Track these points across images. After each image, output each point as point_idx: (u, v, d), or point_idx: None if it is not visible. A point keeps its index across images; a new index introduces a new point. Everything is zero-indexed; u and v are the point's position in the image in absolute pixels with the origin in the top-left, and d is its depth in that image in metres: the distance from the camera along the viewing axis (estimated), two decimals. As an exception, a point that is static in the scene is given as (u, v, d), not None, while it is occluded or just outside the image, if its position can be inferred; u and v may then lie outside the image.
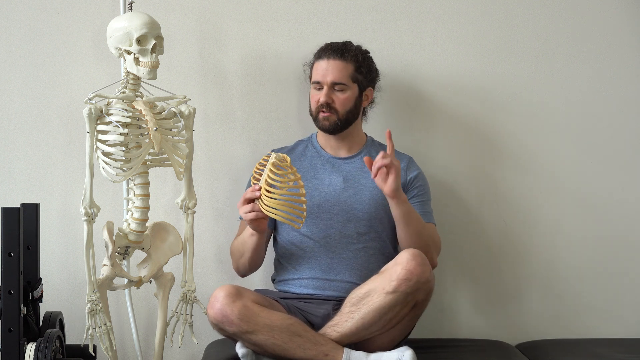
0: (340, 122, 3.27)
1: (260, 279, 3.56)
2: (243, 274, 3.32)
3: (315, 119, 3.28)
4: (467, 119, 3.68)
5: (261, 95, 3.60)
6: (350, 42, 3.32)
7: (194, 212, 3.29)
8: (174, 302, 3.34)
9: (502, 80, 3.67)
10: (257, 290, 3.25)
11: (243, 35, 3.60)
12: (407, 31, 3.64)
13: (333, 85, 3.23)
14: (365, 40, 3.44)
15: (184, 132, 3.21)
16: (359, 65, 3.28)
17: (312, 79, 3.28)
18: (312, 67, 3.32)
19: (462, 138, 3.68)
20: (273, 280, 3.38)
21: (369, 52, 3.36)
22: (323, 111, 3.24)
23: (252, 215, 3.01)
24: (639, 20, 3.66)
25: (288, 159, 2.95)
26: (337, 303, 3.17)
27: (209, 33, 3.58)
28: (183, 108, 3.21)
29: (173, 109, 3.19)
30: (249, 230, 3.15)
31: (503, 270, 3.69)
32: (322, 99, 3.23)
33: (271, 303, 3.12)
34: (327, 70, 3.24)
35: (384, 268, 3.05)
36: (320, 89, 3.25)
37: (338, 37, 3.41)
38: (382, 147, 3.37)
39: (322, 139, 3.36)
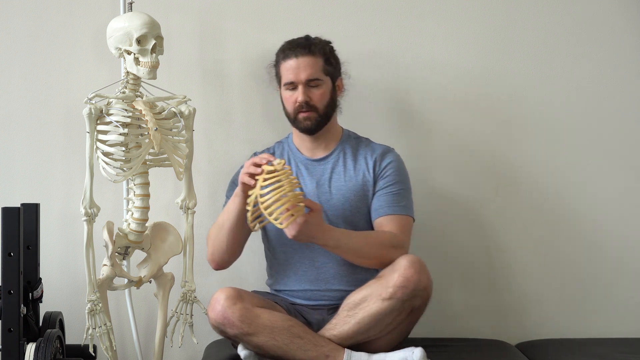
0: (321, 118, 3.19)
1: (255, 281, 3.53)
2: (218, 259, 3.17)
3: (295, 120, 3.20)
4: (467, 119, 3.67)
5: (261, 95, 3.58)
6: (309, 36, 3.23)
7: (194, 212, 3.28)
8: (174, 302, 3.33)
9: (503, 79, 3.66)
10: (255, 292, 3.20)
11: (243, 35, 3.58)
12: (407, 30, 3.62)
13: (308, 83, 3.15)
14: (366, 40, 3.46)
15: (183, 132, 3.20)
16: (327, 57, 3.20)
17: (284, 81, 3.18)
18: (278, 68, 3.23)
19: (462, 139, 3.68)
20: (269, 286, 3.35)
21: (331, 42, 3.27)
22: (302, 111, 3.17)
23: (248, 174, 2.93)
24: (640, 17, 3.66)
25: (282, 162, 2.88)
26: (332, 308, 3.15)
27: (209, 33, 3.56)
28: (183, 108, 3.20)
29: (173, 109, 3.18)
30: (234, 195, 3.04)
31: (503, 270, 3.70)
32: (301, 98, 3.14)
33: (271, 304, 3.09)
34: (299, 68, 3.15)
35: (381, 273, 3.01)
36: (294, 89, 3.17)
37: (338, 37, 3.36)
38: (359, 140, 3.31)
39: (298, 139, 3.28)
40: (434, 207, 3.52)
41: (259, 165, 2.90)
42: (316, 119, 3.19)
